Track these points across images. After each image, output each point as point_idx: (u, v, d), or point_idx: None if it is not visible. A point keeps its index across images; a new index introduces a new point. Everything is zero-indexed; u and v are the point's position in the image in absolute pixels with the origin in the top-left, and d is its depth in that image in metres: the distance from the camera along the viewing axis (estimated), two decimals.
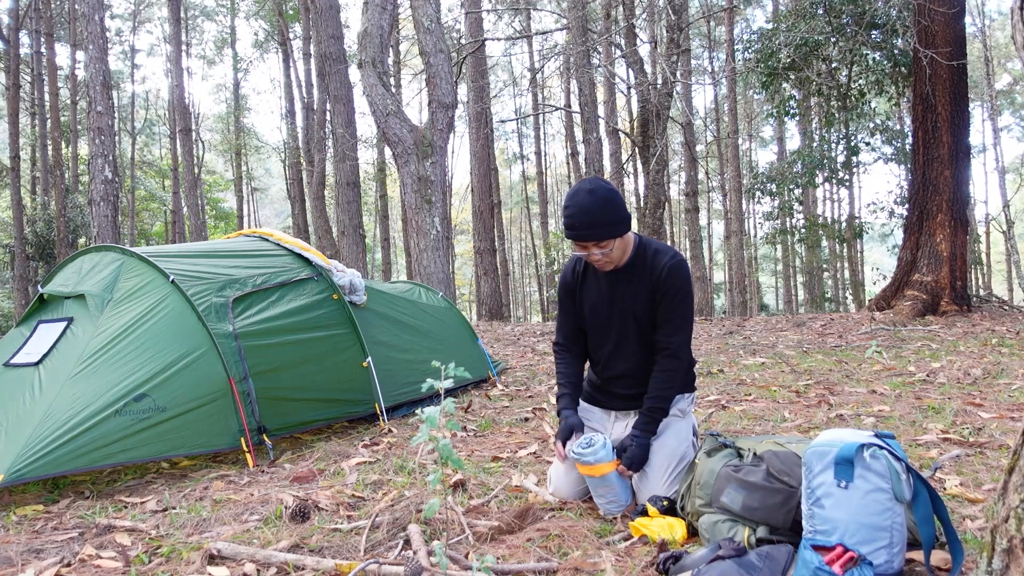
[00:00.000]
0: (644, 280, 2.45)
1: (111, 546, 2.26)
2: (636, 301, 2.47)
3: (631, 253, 2.49)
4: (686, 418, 2.54)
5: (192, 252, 3.80)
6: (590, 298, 2.57)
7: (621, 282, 2.50)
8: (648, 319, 2.47)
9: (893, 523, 1.67)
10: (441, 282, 7.42)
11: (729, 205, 22.79)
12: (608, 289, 2.52)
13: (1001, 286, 29.58)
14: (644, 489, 2.37)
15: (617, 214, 2.37)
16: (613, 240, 2.38)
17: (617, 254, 2.43)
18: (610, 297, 2.52)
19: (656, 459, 2.39)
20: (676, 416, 2.51)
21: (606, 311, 2.54)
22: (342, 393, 3.87)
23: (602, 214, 2.33)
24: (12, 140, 15.11)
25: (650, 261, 2.46)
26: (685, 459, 2.41)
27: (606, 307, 2.54)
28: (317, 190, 15.51)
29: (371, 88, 7.59)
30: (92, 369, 2.98)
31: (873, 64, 10.62)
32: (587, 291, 2.58)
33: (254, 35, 25.95)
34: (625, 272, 2.49)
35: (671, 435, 2.45)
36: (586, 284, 2.59)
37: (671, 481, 2.34)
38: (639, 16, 16.00)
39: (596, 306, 2.55)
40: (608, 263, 2.45)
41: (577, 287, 2.60)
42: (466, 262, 34.79)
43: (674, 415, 2.50)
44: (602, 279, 2.53)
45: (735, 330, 8.38)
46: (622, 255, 2.47)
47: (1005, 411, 3.48)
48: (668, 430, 2.46)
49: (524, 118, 24.94)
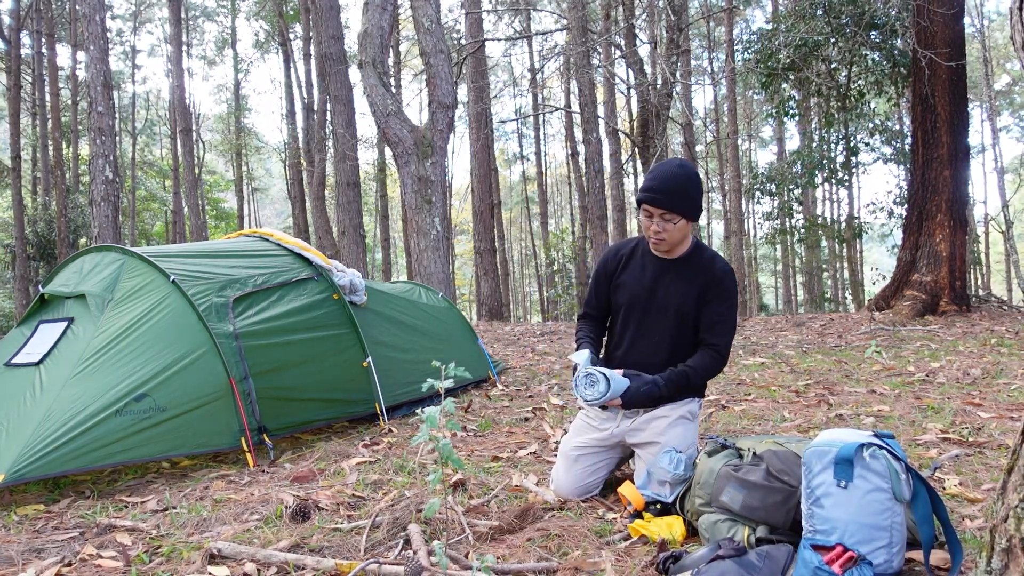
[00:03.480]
0: (698, 277, 2.47)
1: (112, 546, 2.27)
2: (684, 295, 2.48)
3: (688, 249, 2.51)
4: (694, 422, 2.55)
5: (193, 252, 3.80)
6: (629, 283, 2.58)
7: (670, 273, 2.51)
8: (691, 315, 2.49)
9: (892, 523, 1.67)
10: (441, 282, 7.42)
11: (729, 205, 22.80)
12: (654, 277, 2.53)
13: (1000, 286, 29.58)
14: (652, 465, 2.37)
15: (694, 193, 2.40)
16: (680, 217, 2.38)
17: (676, 236, 2.43)
18: (652, 285, 2.53)
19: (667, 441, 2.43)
20: (686, 418, 2.51)
21: (644, 298, 2.54)
22: (342, 393, 3.87)
23: (682, 186, 2.36)
24: (13, 140, 15.12)
25: (707, 261, 2.49)
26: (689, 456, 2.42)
27: (645, 294, 2.54)
28: (317, 190, 15.51)
29: (371, 88, 7.60)
30: (93, 369, 2.98)
31: (872, 65, 10.62)
32: (627, 276, 2.59)
33: (254, 35, 25.96)
34: (678, 264, 2.51)
35: (676, 436, 2.45)
36: (628, 270, 2.60)
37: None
38: (639, 16, 16.00)
39: (635, 292, 2.56)
40: (664, 242, 2.45)
41: (617, 271, 2.63)
42: (466, 262, 34.78)
43: (684, 416, 2.50)
44: (649, 267, 2.55)
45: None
46: (680, 241, 2.48)
47: (1004, 411, 3.48)
48: (674, 431, 2.46)
49: (524, 118, 24.94)
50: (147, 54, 31.28)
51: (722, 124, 22.99)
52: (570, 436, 2.62)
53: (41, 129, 17.92)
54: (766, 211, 14.43)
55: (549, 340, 8.24)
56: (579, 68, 12.40)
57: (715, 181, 26.68)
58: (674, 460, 2.30)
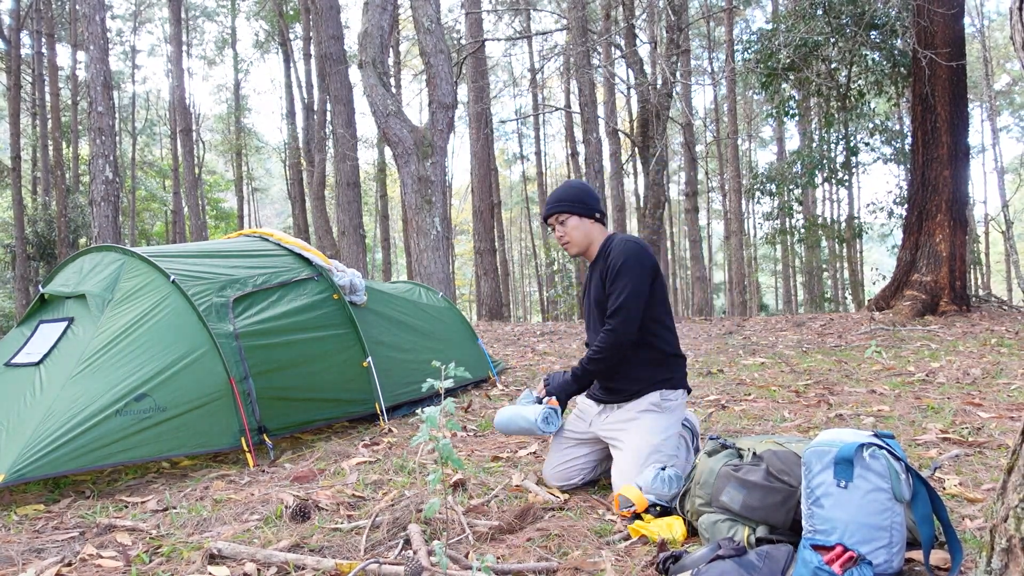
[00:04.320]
0: (603, 268, 2.59)
1: (112, 545, 2.27)
2: (597, 288, 2.61)
3: (600, 247, 2.65)
4: (665, 413, 2.53)
5: (193, 252, 3.80)
6: (583, 293, 2.79)
7: (593, 273, 2.69)
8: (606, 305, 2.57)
9: (892, 523, 1.67)
10: (441, 282, 7.42)
11: (729, 205, 22.79)
12: (587, 282, 2.74)
13: (1000, 286, 29.59)
14: (616, 471, 2.45)
15: (578, 194, 2.63)
16: (568, 215, 2.62)
17: (576, 235, 2.64)
18: (586, 288, 2.73)
19: (627, 446, 2.47)
20: (652, 410, 2.53)
21: (584, 302, 2.75)
22: (342, 393, 3.87)
23: (564, 191, 2.67)
24: (13, 140, 15.12)
25: (609, 251, 2.59)
26: (662, 452, 2.44)
27: (584, 298, 2.75)
28: (317, 190, 15.51)
29: (371, 88, 7.60)
30: (93, 369, 2.98)
31: (872, 64, 10.62)
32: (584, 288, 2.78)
33: (255, 35, 25.96)
34: (595, 263, 2.68)
35: (643, 426, 2.49)
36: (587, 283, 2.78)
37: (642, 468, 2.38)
38: (639, 16, 16.01)
39: (582, 299, 2.78)
40: (571, 244, 2.66)
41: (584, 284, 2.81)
42: (466, 262, 34.79)
43: (648, 409, 2.53)
44: (587, 275, 2.74)
45: (735, 330, 8.38)
46: (584, 241, 2.66)
47: (1004, 411, 3.48)
48: (639, 422, 2.51)
49: (524, 118, 24.94)
50: (147, 54, 31.31)
51: (722, 124, 22.98)
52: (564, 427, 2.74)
53: (41, 129, 17.92)
54: (766, 211, 14.43)
55: (549, 340, 8.24)
56: (579, 68, 12.40)
57: (715, 181, 26.69)
58: (663, 479, 2.29)
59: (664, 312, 2.58)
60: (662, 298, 2.58)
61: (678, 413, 2.58)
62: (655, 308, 2.55)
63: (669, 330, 2.60)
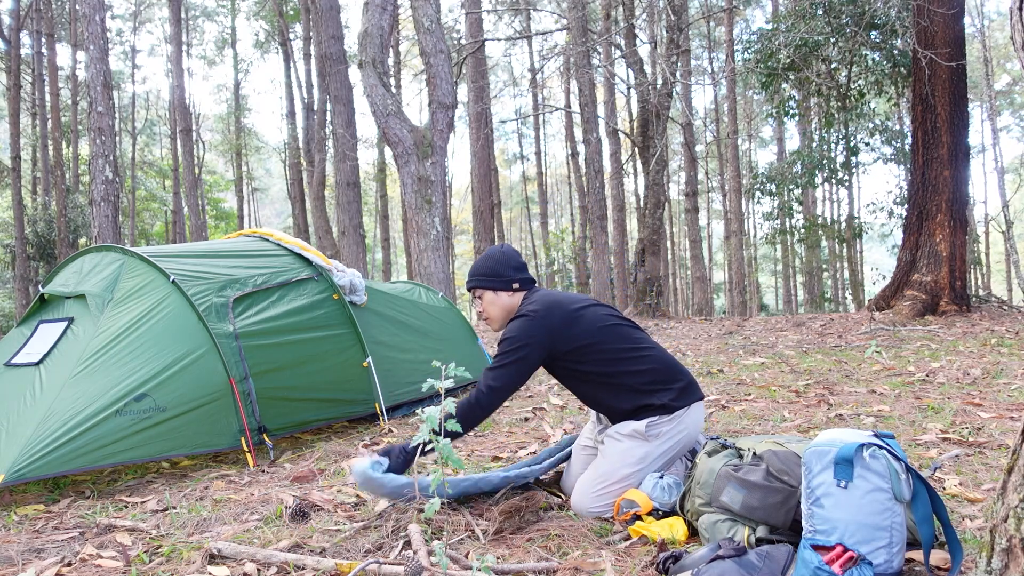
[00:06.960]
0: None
1: (112, 546, 2.27)
2: None
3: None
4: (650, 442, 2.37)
5: (193, 252, 3.80)
6: None
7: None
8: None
9: (892, 523, 1.67)
10: (441, 282, 7.42)
11: (729, 205, 22.80)
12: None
13: (1000, 286, 29.59)
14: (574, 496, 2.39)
15: (494, 267, 2.54)
16: (486, 291, 2.54)
17: (493, 310, 2.56)
18: None
19: (598, 467, 2.40)
20: (635, 436, 2.37)
21: None
22: (342, 393, 3.87)
23: (480, 266, 2.57)
24: (13, 140, 15.12)
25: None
26: (626, 482, 2.33)
27: None
28: (317, 190, 15.51)
29: (371, 88, 7.60)
30: (93, 369, 2.98)
31: (873, 64, 10.63)
32: None
33: (255, 35, 25.97)
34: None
35: (618, 452, 2.38)
36: None
37: (596, 496, 2.32)
38: (639, 16, 16.00)
39: None
40: (489, 320, 2.59)
41: None
42: (466, 262, 34.80)
43: (631, 435, 2.38)
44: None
45: (735, 330, 8.38)
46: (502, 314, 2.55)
47: (1004, 411, 3.48)
48: (621, 445, 2.39)
49: (524, 118, 24.95)
50: (147, 54, 31.40)
51: (722, 124, 22.99)
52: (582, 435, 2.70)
53: (41, 129, 17.91)
54: (766, 211, 14.44)
55: None
56: (579, 68, 12.40)
57: (715, 181, 26.69)
58: (662, 487, 2.28)
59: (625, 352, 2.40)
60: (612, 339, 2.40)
61: (669, 440, 2.38)
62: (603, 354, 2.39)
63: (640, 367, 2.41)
